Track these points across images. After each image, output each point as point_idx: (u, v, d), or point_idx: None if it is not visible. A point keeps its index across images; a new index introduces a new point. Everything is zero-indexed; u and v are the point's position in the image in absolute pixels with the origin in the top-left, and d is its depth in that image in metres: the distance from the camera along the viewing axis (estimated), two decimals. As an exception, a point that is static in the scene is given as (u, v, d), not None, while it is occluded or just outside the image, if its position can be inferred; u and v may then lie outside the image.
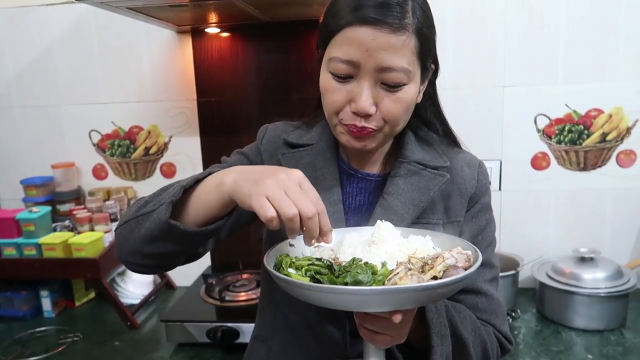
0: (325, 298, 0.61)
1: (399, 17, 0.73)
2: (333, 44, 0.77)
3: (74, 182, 1.93)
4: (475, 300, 0.87)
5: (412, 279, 0.62)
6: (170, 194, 0.72)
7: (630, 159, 1.70)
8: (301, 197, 0.64)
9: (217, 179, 0.72)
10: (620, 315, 1.51)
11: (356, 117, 0.77)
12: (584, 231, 1.75)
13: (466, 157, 0.91)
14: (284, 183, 0.65)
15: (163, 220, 0.69)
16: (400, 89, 0.76)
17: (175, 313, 1.57)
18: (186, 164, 1.91)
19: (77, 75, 1.89)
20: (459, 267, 0.65)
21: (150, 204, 0.76)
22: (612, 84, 1.66)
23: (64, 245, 1.66)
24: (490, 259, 0.89)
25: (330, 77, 0.78)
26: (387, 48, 0.73)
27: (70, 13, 1.83)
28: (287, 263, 0.68)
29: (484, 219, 0.90)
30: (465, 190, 0.88)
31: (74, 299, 1.82)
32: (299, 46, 1.79)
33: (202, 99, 1.86)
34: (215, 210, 0.72)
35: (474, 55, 1.70)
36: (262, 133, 0.97)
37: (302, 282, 0.62)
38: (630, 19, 1.61)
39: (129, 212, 0.79)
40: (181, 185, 0.72)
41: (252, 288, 1.68)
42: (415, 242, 0.74)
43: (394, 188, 0.85)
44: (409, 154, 0.88)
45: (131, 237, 0.76)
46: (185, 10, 1.50)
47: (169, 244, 0.74)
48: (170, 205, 0.70)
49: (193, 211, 0.73)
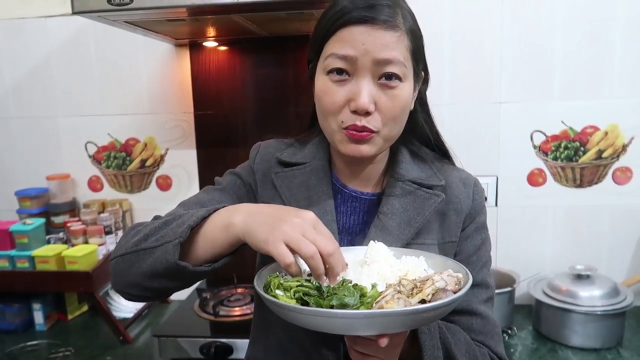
0: (311, 321, 0.61)
1: (389, 15, 0.75)
2: (328, 46, 0.78)
3: (69, 193, 1.92)
4: (470, 321, 0.86)
5: (398, 302, 0.61)
6: (175, 233, 0.71)
7: (626, 176, 1.70)
8: (319, 237, 0.65)
9: (224, 220, 0.71)
10: (617, 334, 1.50)
11: (356, 117, 0.77)
12: (580, 248, 1.75)
13: (461, 175, 0.91)
14: (300, 227, 0.65)
15: (172, 262, 0.69)
16: (397, 86, 0.77)
17: (168, 328, 1.55)
18: (182, 177, 1.91)
19: (74, 87, 1.89)
20: (448, 290, 0.64)
21: (152, 238, 0.74)
22: (608, 101, 1.67)
23: (57, 258, 1.64)
24: (486, 279, 0.88)
25: (327, 79, 0.78)
26: (383, 42, 0.75)
27: (68, 25, 1.84)
28: (275, 284, 0.67)
29: (479, 239, 0.89)
30: (461, 209, 0.87)
31: (66, 312, 1.80)
32: (296, 61, 1.80)
33: (199, 112, 1.86)
34: (223, 249, 0.72)
35: (471, 71, 1.70)
36: (255, 152, 0.96)
37: (288, 305, 0.62)
38: (627, 36, 1.63)
39: (127, 244, 0.77)
40: (188, 225, 0.71)
41: (247, 303, 1.67)
42: (407, 263, 0.73)
43: (389, 208, 0.84)
44: (404, 173, 0.87)
45: (131, 270, 0.75)
46: (183, 24, 1.50)
47: (174, 282, 0.74)
48: (178, 247, 0.69)
49: (200, 249, 0.73)
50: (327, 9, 0.80)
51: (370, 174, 0.89)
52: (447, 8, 1.68)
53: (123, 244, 0.78)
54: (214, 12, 1.32)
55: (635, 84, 1.65)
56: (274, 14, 1.39)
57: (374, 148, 0.81)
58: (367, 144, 0.79)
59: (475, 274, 0.86)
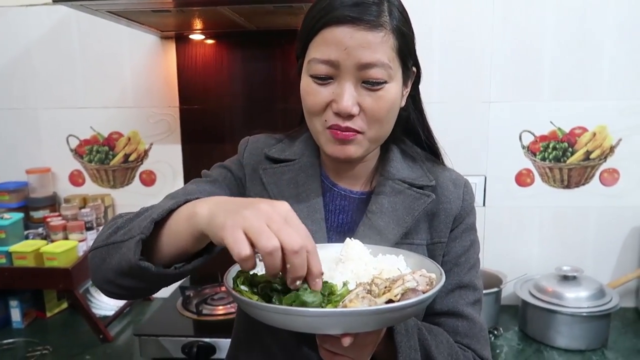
0: (273, 317, 0.59)
1: (375, 14, 0.73)
2: (311, 48, 0.77)
3: (49, 188, 1.87)
4: (455, 323, 0.84)
5: (363, 302, 0.60)
6: (140, 227, 0.63)
7: (614, 177, 1.70)
8: (285, 228, 0.55)
9: (189, 210, 0.63)
10: (602, 335, 1.50)
11: (340, 118, 0.76)
12: (567, 249, 1.75)
13: (452, 176, 0.90)
14: (266, 214, 0.55)
15: (133, 262, 0.62)
16: (382, 87, 0.75)
17: (149, 327, 1.52)
18: (167, 172, 1.87)
19: (56, 79, 1.83)
20: (418, 290, 0.62)
21: (121, 231, 0.68)
22: (596, 103, 1.67)
23: (35, 254, 1.59)
24: (474, 281, 0.87)
25: (310, 80, 0.77)
26: (365, 45, 0.73)
27: (50, 15, 1.79)
28: (241, 279, 0.65)
29: (468, 240, 0.88)
30: (451, 210, 0.86)
31: (45, 310, 1.75)
32: (284, 55, 1.77)
33: (184, 106, 1.82)
34: (187, 244, 0.63)
35: (460, 70, 1.69)
36: (244, 146, 0.94)
37: (248, 300, 0.60)
38: (615, 39, 1.62)
39: (102, 236, 0.72)
40: (152, 218, 0.63)
41: (231, 301, 1.63)
42: (383, 261, 0.71)
43: (378, 207, 0.83)
44: (394, 172, 0.86)
45: (103, 266, 0.69)
46: (169, 16, 1.46)
47: (143, 283, 0.68)
48: (139, 244, 0.62)
49: (165, 245, 0.65)
50: (314, 3, 0.78)
51: (360, 172, 0.88)
52: (438, 8, 1.66)
53: (99, 236, 0.74)
54: (201, 3, 1.29)
55: (623, 86, 1.65)
56: (262, 7, 1.36)
57: (360, 149, 0.79)
58: (353, 145, 0.78)
59: (462, 276, 0.86)
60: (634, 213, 1.71)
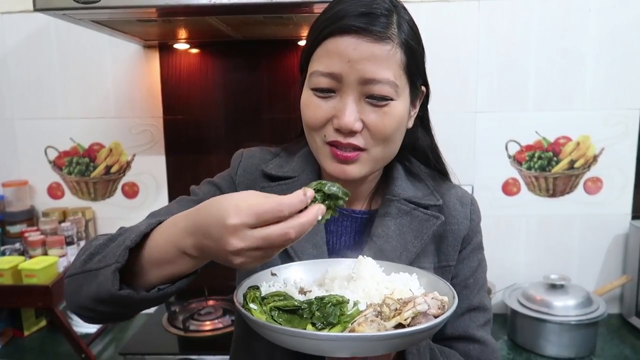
0: (281, 339, 0.59)
1: (382, 26, 0.69)
2: (314, 59, 0.73)
3: (27, 201, 1.80)
4: (467, 347, 0.82)
5: (371, 326, 0.59)
6: (114, 255, 0.61)
7: (597, 186, 1.73)
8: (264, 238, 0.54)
9: (175, 246, 0.60)
10: (590, 343, 1.52)
11: (340, 134, 0.72)
12: (554, 257, 1.77)
13: (458, 193, 0.86)
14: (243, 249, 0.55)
15: (112, 292, 0.60)
16: (387, 104, 0.71)
17: (134, 345, 1.47)
18: (150, 184, 1.82)
19: (34, 88, 1.77)
20: (429, 314, 0.60)
21: (95, 258, 0.65)
22: (579, 113, 1.70)
23: (13, 271, 1.52)
24: (483, 301, 0.85)
25: (311, 93, 0.73)
26: (370, 58, 0.69)
27: (28, 22, 1.73)
28: (251, 297, 0.65)
29: (476, 260, 0.85)
30: (459, 232, 0.83)
31: (22, 328, 1.68)
32: (271, 66, 1.75)
33: (168, 116, 1.78)
34: (182, 273, 0.63)
35: (447, 80, 1.70)
36: (237, 161, 0.88)
37: (258, 320, 0.60)
38: (598, 51, 1.66)
39: (77, 261, 0.69)
40: (125, 245, 0.61)
41: (219, 316, 1.60)
42: (396, 280, 0.69)
43: (384, 230, 0.79)
44: (399, 191, 0.82)
45: (80, 292, 0.66)
46: (154, 25, 1.43)
47: (124, 309, 0.66)
48: (116, 274, 0.60)
49: (149, 271, 0.63)
50: (322, 12, 0.75)
51: (362, 190, 0.84)
52: (424, 19, 1.66)
53: (75, 261, 0.70)
54: (189, 13, 1.26)
55: (606, 96, 1.68)
56: (251, 17, 1.34)
57: (363, 170, 0.75)
58: (355, 165, 0.74)
59: (472, 298, 0.83)
60: (617, 221, 1.74)
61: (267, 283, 0.71)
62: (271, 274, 0.74)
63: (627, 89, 1.67)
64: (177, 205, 0.83)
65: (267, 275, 0.73)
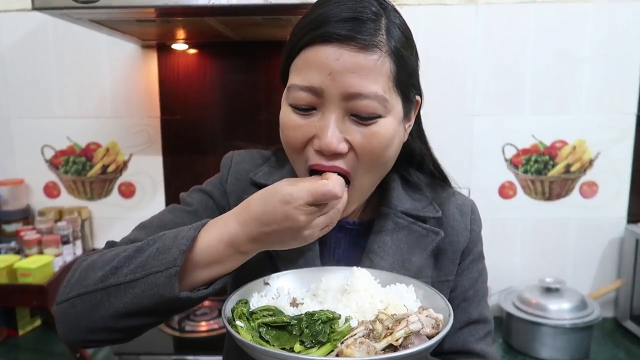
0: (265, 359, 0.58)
1: (368, 33, 0.62)
2: (292, 71, 0.66)
3: (23, 200, 1.79)
4: None
5: (360, 348, 0.56)
6: (163, 261, 0.60)
7: (592, 190, 1.74)
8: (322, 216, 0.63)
9: (229, 244, 0.63)
10: (585, 346, 1.52)
11: (322, 157, 0.65)
12: (549, 260, 1.77)
13: (457, 201, 0.82)
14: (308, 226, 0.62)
15: (170, 296, 0.60)
16: (375, 122, 0.64)
17: (129, 345, 1.42)
18: (146, 184, 1.82)
19: (31, 87, 1.77)
20: (422, 335, 0.58)
21: (124, 270, 0.62)
22: (576, 117, 1.70)
23: (8, 270, 1.52)
24: (484, 313, 0.81)
25: (289, 110, 0.66)
26: (354, 70, 0.61)
27: (26, 21, 1.73)
28: (238, 313, 0.63)
29: (476, 271, 0.82)
30: (458, 244, 0.79)
31: (17, 327, 1.67)
32: (268, 67, 1.75)
33: (166, 116, 1.78)
34: (225, 272, 0.66)
35: (444, 83, 1.70)
36: (227, 167, 0.83)
37: (242, 340, 0.58)
38: (594, 55, 1.67)
39: (83, 281, 0.65)
40: (181, 250, 0.61)
41: (214, 317, 1.60)
42: (392, 293, 0.66)
43: (380, 246, 0.74)
44: (396, 203, 0.77)
45: (95, 312, 0.63)
46: (152, 25, 1.43)
47: (160, 316, 0.65)
48: (175, 278, 0.60)
49: (195, 274, 0.63)
50: (303, 15, 0.67)
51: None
52: (422, 23, 1.67)
53: (76, 282, 0.65)
54: (188, 14, 1.26)
55: (602, 100, 1.69)
56: (249, 18, 1.34)
57: (350, 207, 0.69)
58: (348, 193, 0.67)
59: (472, 311, 0.80)
60: (612, 225, 1.75)
61: (259, 293, 0.69)
62: (264, 283, 0.71)
63: (622, 93, 1.68)
64: (171, 216, 0.79)
65: (260, 285, 0.71)
